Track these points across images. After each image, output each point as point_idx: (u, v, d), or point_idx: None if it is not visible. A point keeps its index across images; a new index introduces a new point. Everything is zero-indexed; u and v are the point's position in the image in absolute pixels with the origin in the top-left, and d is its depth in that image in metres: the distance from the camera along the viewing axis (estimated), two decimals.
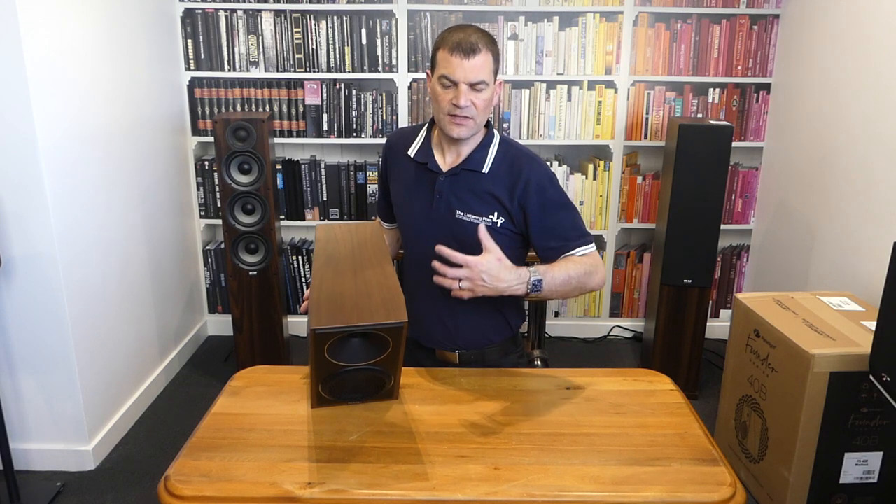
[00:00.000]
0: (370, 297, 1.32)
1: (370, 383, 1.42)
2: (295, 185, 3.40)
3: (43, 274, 2.29)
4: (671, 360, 3.05)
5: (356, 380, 1.40)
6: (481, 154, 1.66)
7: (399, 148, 1.76)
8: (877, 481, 2.09)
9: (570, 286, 1.59)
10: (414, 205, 1.71)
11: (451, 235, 1.64)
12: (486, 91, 1.57)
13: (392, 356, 1.34)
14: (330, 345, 1.28)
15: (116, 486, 2.41)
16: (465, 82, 1.55)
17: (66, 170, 2.33)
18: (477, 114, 1.59)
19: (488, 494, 1.21)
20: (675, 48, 3.26)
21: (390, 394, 1.47)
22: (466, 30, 1.57)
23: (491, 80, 1.58)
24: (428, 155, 1.69)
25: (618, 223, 3.48)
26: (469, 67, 1.54)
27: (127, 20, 2.76)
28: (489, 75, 1.57)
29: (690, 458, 1.31)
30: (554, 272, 1.56)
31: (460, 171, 1.65)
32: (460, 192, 1.65)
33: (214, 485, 1.23)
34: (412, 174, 1.72)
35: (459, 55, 1.54)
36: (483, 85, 1.56)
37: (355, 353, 1.32)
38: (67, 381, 2.40)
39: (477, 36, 1.55)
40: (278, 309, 2.98)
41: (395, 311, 1.27)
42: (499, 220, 1.64)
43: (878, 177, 2.44)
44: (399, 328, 1.27)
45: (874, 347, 1.73)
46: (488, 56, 1.56)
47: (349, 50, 3.26)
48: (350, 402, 1.47)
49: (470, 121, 1.59)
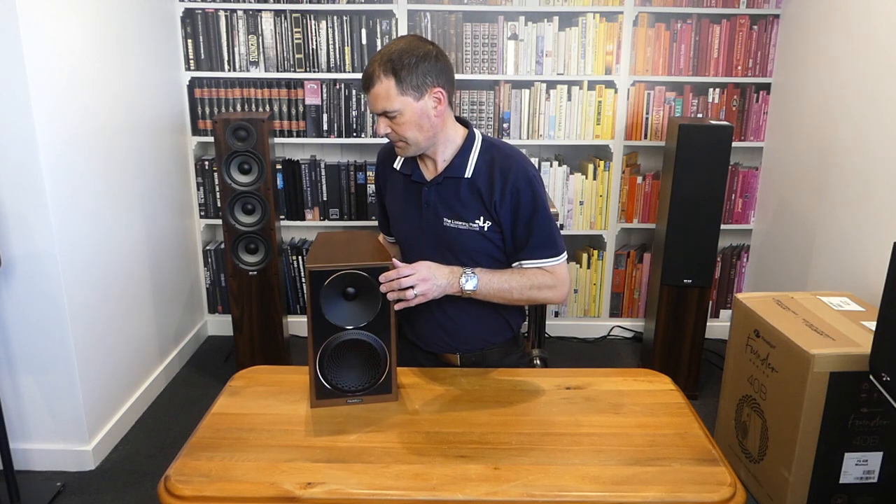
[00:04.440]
0: (361, 253, 1.53)
1: (366, 368, 1.48)
2: (295, 185, 3.40)
3: (43, 274, 2.29)
4: (671, 360, 3.05)
5: (352, 362, 1.47)
6: (462, 159, 1.64)
7: (387, 162, 1.77)
8: (877, 481, 2.09)
9: (511, 296, 1.60)
10: (406, 216, 1.72)
11: (441, 244, 1.65)
12: (400, 116, 1.55)
13: (383, 318, 1.46)
14: (325, 301, 1.43)
15: (116, 486, 2.41)
16: (377, 113, 1.57)
17: (66, 170, 2.33)
18: (405, 136, 1.58)
19: (488, 494, 1.21)
20: (675, 48, 3.27)
21: (387, 388, 1.50)
22: (377, 55, 1.55)
23: (402, 106, 1.53)
24: (412, 167, 1.69)
25: (618, 223, 3.48)
26: (371, 100, 1.56)
27: (127, 20, 2.76)
28: (393, 102, 1.53)
29: (690, 458, 1.31)
30: (493, 276, 1.59)
31: (443, 179, 1.64)
32: (447, 200, 1.64)
33: (214, 485, 1.23)
34: (401, 186, 1.73)
35: (364, 90, 1.58)
36: (393, 112, 1.54)
37: (349, 317, 1.46)
38: (67, 381, 2.40)
39: (377, 63, 1.52)
40: (278, 309, 2.98)
41: (381, 255, 1.49)
42: (485, 224, 1.63)
43: (878, 177, 2.44)
44: (382, 270, 1.44)
45: (874, 347, 1.73)
46: (387, 83, 1.52)
47: (349, 50, 3.26)
48: (348, 397, 1.48)
49: (402, 143, 1.61)
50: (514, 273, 1.62)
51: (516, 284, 1.60)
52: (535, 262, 1.62)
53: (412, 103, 1.54)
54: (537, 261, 1.62)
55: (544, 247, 1.62)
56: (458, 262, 1.64)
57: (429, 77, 1.54)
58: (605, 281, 3.58)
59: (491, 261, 1.65)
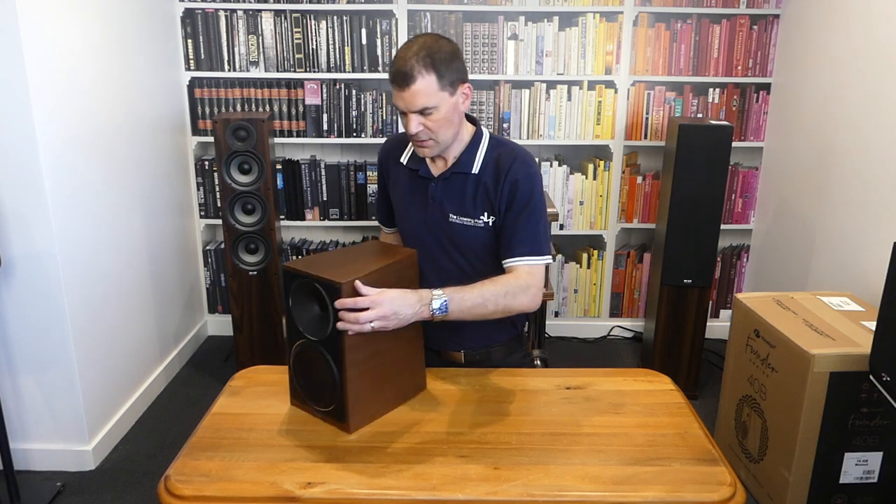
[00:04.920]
0: (343, 265, 1.40)
1: (325, 385, 1.38)
2: (295, 185, 3.40)
3: (43, 274, 2.29)
4: (671, 360, 3.05)
5: (314, 374, 1.39)
6: (470, 155, 1.65)
7: (393, 155, 1.76)
8: (877, 481, 2.09)
9: (486, 309, 1.51)
10: (411, 211, 1.71)
11: (446, 239, 1.65)
12: (436, 112, 1.53)
13: (337, 338, 1.33)
14: (296, 304, 1.38)
15: (116, 486, 2.41)
16: (408, 111, 1.53)
17: (66, 170, 2.33)
18: (434, 134, 1.56)
19: (488, 494, 1.21)
20: (675, 48, 3.27)
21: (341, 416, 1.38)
22: (407, 52, 1.50)
23: (439, 101, 1.52)
24: (419, 162, 1.69)
25: (618, 223, 3.48)
26: (408, 97, 1.51)
27: (127, 20, 2.76)
28: (432, 98, 1.51)
29: (690, 458, 1.31)
30: (465, 294, 1.48)
31: (451, 174, 1.65)
32: (453, 196, 1.65)
33: (214, 485, 1.23)
34: (407, 181, 1.72)
35: (397, 86, 1.51)
36: (430, 110, 1.52)
37: (314, 326, 1.37)
38: (67, 381, 2.40)
39: (415, 59, 1.48)
40: (278, 309, 2.98)
41: (344, 275, 1.33)
42: (489, 220, 1.63)
43: (878, 177, 2.44)
44: (334, 289, 1.31)
45: (874, 347, 1.73)
46: (428, 78, 1.49)
47: (349, 50, 3.26)
48: (315, 408, 1.43)
49: (430, 142, 1.58)
50: (485, 283, 1.53)
51: (489, 295, 1.51)
52: (518, 259, 1.59)
53: (448, 99, 1.54)
54: (519, 258, 1.59)
55: (530, 243, 1.59)
56: (462, 256, 1.65)
57: (459, 73, 1.55)
58: (605, 281, 3.58)
59: (494, 257, 1.66)
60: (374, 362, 1.40)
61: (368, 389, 1.40)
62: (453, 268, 1.67)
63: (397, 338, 1.43)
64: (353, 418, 1.38)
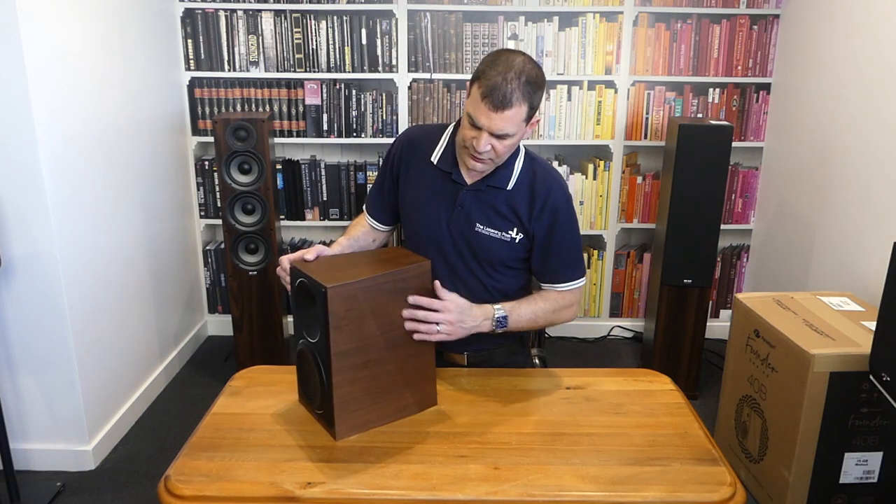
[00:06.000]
0: (347, 268, 1.39)
1: (319, 387, 1.38)
2: (295, 185, 3.40)
3: (43, 274, 2.29)
4: (671, 360, 3.05)
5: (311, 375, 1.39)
6: (507, 171, 1.62)
7: (421, 150, 1.69)
8: (877, 481, 2.09)
9: (536, 323, 1.63)
10: (430, 212, 1.66)
11: (466, 246, 1.65)
12: (510, 139, 1.50)
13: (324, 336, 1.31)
14: (299, 303, 1.38)
15: (116, 486, 2.41)
16: (488, 132, 1.48)
17: (66, 170, 2.33)
18: (497, 156, 1.54)
19: (488, 494, 1.21)
20: (675, 48, 3.26)
21: (329, 420, 1.37)
22: (508, 72, 1.43)
23: (518, 129, 1.49)
24: (452, 164, 1.64)
25: (618, 223, 3.48)
26: (497, 120, 1.45)
27: (127, 20, 2.76)
28: (516, 126, 1.48)
29: (690, 458, 1.31)
30: (521, 310, 1.59)
31: (485, 187, 1.62)
32: (482, 207, 1.63)
33: (214, 485, 1.23)
34: (433, 181, 1.67)
35: (489, 105, 1.43)
36: (508, 136, 1.49)
37: (312, 327, 1.36)
38: (67, 381, 2.40)
39: (517, 84, 1.43)
40: (278, 309, 2.98)
41: (334, 279, 1.30)
42: (517, 237, 1.64)
43: (878, 177, 2.44)
44: (321, 292, 1.29)
45: (874, 347, 1.73)
46: (522, 108, 1.45)
47: (349, 50, 3.26)
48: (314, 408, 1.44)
49: (489, 161, 1.56)
50: (538, 300, 1.63)
51: (541, 312, 1.62)
52: (569, 284, 1.66)
53: (524, 128, 1.52)
54: (569, 283, 1.66)
55: (573, 269, 1.66)
56: (478, 263, 1.66)
57: (539, 104, 1.52)
58: (605, 281, 3.58)
59: (506, 268, 1.68)
60: (367, 372, 1.37)
61: (359, 399, 1.37)
62: (468, 274, 1.67)
63: (397, 350, 1.41)
64: (340, 426, 1.36)
